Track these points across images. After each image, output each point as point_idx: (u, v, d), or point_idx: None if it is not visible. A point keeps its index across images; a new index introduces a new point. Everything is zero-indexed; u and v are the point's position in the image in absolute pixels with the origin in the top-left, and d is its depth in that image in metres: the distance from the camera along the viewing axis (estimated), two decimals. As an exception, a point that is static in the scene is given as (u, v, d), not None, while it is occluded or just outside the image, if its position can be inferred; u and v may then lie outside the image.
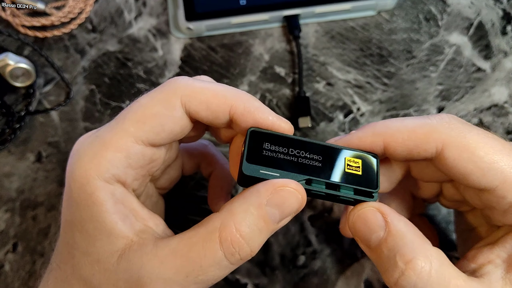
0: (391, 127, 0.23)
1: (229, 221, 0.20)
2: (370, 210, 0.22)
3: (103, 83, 0.38)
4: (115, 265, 0.21)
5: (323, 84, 0.38)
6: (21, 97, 0.37)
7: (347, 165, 0.23)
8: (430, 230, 0.31)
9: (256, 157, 0.22)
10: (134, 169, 0.22)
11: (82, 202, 0.21)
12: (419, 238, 0.21)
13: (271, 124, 0.22)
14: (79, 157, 0.22)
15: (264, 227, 0.21)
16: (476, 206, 0.25)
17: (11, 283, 0.33)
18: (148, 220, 0.23)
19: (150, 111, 0.22)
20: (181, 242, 0.21)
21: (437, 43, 0.39)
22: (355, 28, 0.39)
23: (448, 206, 0.28)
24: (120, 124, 0.22)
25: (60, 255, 0.23)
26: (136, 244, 0.21)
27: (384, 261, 0.22)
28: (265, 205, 0.21)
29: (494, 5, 0.40)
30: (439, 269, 0.20)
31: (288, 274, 0.33)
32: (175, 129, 0.22)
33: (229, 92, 0.22)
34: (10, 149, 0.36)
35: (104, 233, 0.21)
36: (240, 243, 0.20)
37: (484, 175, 0.21)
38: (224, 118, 0.22)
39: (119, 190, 0.22)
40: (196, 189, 0.35)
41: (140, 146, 0.22)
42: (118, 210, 0.21)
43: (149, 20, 0.40)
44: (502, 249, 0.22)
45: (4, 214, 0.34)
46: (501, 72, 0.38)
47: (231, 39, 0.39)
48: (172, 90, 0.22)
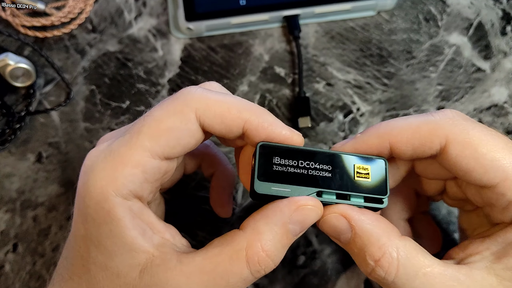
0: (396, 127, 0.23)
1: (255, 241, 0.21)
2: (334, 216, 0.23)
3: (103, 83, 0.38)
4: (137, 280, 0.21)
5: (323, 85, 0.38)
6: (21, 97, 0.37)
7: (356, 173, 0.23)
8: (433, 227, 0.32)
9: (266, 173, 0.22)
10: (150, 183, 0.22)
11: (99, 218, 0.21)
12: (385, 232, 0.22)
13: (284, 139, 0.23)
14: (94, 173, 0.21)
15: (287, 242, 0.22)
16: (477, 204, 0.25)
17: (12, 284, 0.33)
18: (165, 233, 0.23)
19: (164, 124, 0.22)
20: (207, 259, 0.21)
21: (437, 44, 0.39)
22: (355, 29, 0.39)
23: (451, 205, 0.28)
24: (135, 138, 0.22)
25: (72, 267, 0.23)
26: (158, 259, 0.21)
27: (356, 257, 0.23)
28: (288, 223, 0.22)
29: (494, 6, 0.40)
30: (406, 262, 0.21)
31: (288, 274, 0.33)
32: (191, 142, 0.23)
33: (243, 106, 0.22)
34: (10, 150, 0.36)
35: (124, 249, 0.21)
36: (266, 261, 0.21)
37: (485, 172, 0.22)
38: (237, 132, 0.23)
39: (137, 205, 0.22)
40: (197, 189, 0.35)
41: (156, 161, 0.22)
42: (136, 225, 0.22)
43: (149, 20, 0.40)
44: (493, 242, 0.23)
45: (5, 214, 0.34)
46: (501, 73, 0.38)
47: (231, 40, 0.39)
48: (186, 102, 0.22)
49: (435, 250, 0.31)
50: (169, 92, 0.37)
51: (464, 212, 0.28)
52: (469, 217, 0.27)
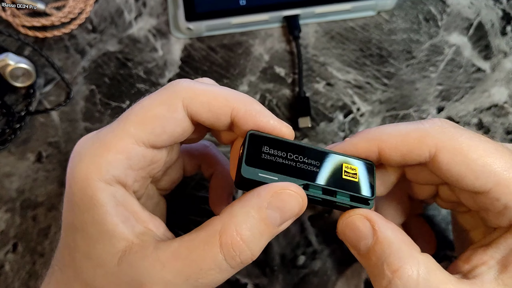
0: (385, 133, 0.23)
1: (230, 224, 0.20)
2: (358, 217, 0.22)
3: (103, 83, 0.38)
4: (116, 268, 0.21)
5: (323, 84, 0.38)
6: (21, 97, 0.37)
7: (344, 172, 0.23)
8: (427, 231, 0.31)
9: (255, 160, 0.22)
10: (135, 170, 0.22)
11: (83, 204, 0.21)
12: (406, 245, 0.22)
13: (272, 128, 0.22)
14: (80, 159, 0.22)
15: (265, 230, 0.21)
16: (471, 208, 0.25)
17: (11, 284, 0.33)
18: (149, 223, 0.23)
19: (151, 112, 0.22)
20: (182, 245, 0.21)
21: (437, 44, 0.39)
22: (355, 29, 0.39)
23: (445, 207, 0.28)
24: (121, 125, 0.22)
25: (62, 258, 0.23)
26: (137, 246, 0.21)
27: (373, 268, 0.22)
28: (266, 208, 0.20)
29: (494, 6, 0.40)
30: (426, 277, 0.21)
31: (288, 274, 0.33)
32: (177, 131, 0.22)
33: (230, 95, 0.22)
34: (10, 149, 0.36)
35: (105, 235, 0.21)
36: (241, 247, 0.20)
37: (477, 178, 0.22)
38: (225, 120, 0.22)
39: (120, 192, 0.22)
40: (196, 189, 0.35)
41: (141, 148, 0.22)
42: (119, 212, 0.21)
43: (149, 20, 0.40)
44: (496, 250, 0.22)
45: (4, 214, 0.34)
46: (501, 73, 0.38)
47: (231, 40, 0.39)
48: (174, 92, 0.22)
49: (430, 252, 0.31)
50: (169, 92, 0.37)
51: (458, 213, 0.28)
52: (463, 218, 0.27)
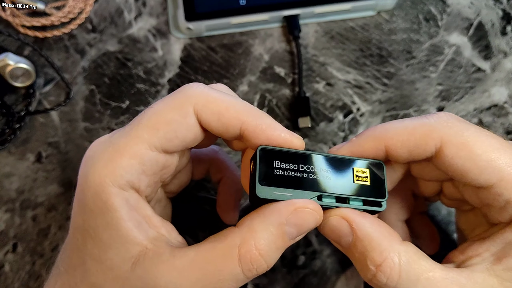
0: (391, 130, 0.23)
1: (249, 239, 0.21)
2: (335, 219, 0.23)
3: (103, 83, 0.38)
4: (129, 273, 0.21)
5: (323, 85, 0.38)
6: (21, 97, 0.37)
7: (355, 176, 0.23)
8: (431, 228, 0.31)
9: (268, 177, 0.22)
10: (148, 175, 0.22)
11: (96, 208, 0.21)
12: (386, 237, 0.22)
13: (283, 141, 0.22)
14: (93, 163, 0.22)
15: (281, 244, 0.21)
16: (474, 204, 0.25)
17: (11, 284, 0.33)
18: (161, 227, 0.23)
19: (163, 117, 0.22)
20: (199, 255, 0.21)
21: (437, 44, 0.39)
22: (355, 28, 0.39)
23: (449, 205, 0.28)
24: (134, 130, 0.22)
25: (69, 260, 0.23)
26: (151, 252, 0.21)
27: (357, 263, 0.23)
28: (285, 224, 0.21)
29: (494, 5, 0.40)
30: (407, 267, 0.21)
31: (288, 274, 0.33)
32: (188, 137, 0.22)
33: (241, 108, 0.22)
34: (10, 150, 0.36)
35: (118, 240, 0.21)
36: (259, 261, 0.21)
37: (481, 173, 0.22)
38: (234, 132, 0.22)
39: (133, 197, 0.22)
40: (197, 189, 0.35)
41: (154, 153, 0.22)
42: (132, 217, 0.21)
43: (149, 20, 0.40)
44: (492, 243, 0.23)
45: (4, 214, 0.34)
46: (501, 73, 0.38)
47: (231, 39, 0.39)
48: (186, 97, 0.22)
49: (433, 250, 0.31)
50: (169, 92, 0.37)
51: (462, 212, 0.28)
52: (466, 216, 0.27)
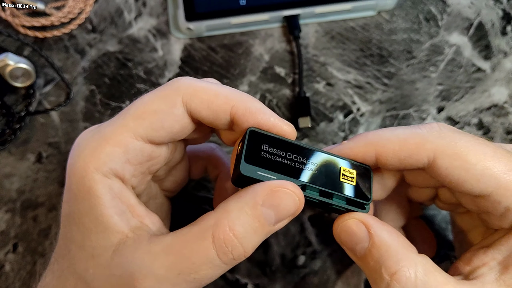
0: (383, 137, 0.23)
1: (223, 219, 0.20)
2: (354, 221, 0.22)
3: (103, 83, 0.38)
4: (109, 260, 0.21)
5: (323, 84, 0.38)
6: (21, 97, 0.37)
7: (342, 175, 0.23)
8: (427, 233, 0.31)
9: (254, 157, 0.21)
10: (133, 165, 0.22)
11: (80, 195, 0.21)
12: (403, 247, 0.22)
13: (272, 126, 0.22)
14: (80, 151, 0.22)
15: (258, 227, 0.21)
16: (472, 210, 0.25)
17: (12, 284, 0.33)
18: (145, 218, 0.23)
19: (150, 107, 0.22)
20: (175, 239, 0.21)
21: (437, 43, 0.39)
22: (355, 28, 0.39)
23: (444, 209, 0.28)
24: (121, 119, 0.22)
25: (58, 249, 0.23)
26: (131, 240, 0.21)
27: (370, 271, 0.22)
28: (260, 205, 0.20)
29: (494, 5, 0.40)
30: (424, 278, 0.21)
31: (288, 274, 0.33)
32: (175, 127, 0.22)
33: (230, 93, 0.22)
34: (10, 150, 0.36)
35: (100, 227, 0.21)
36: (233, 242, 0.20)
37: (477, 181, 0.21)
38: (225, 118, 0.22)
39: (117, 185, 0.22)
40: (197, 189, 0.35)
41: (139, 142, 0.22)
42: (115, 205, 0.21)
43: (149, 20, 0.40)
44: (497, 251, 0.22)
45: (5, 214, 0.34)
46: (501, 73, 0.38)
47: (231, 40, 0.39)
48: (174, 88, 0.22)
49: (430, 254, 0.31)
50: (169, 92, 0.37)
51: (457, 214, 0.28)
52: (462, 219, 0.27)
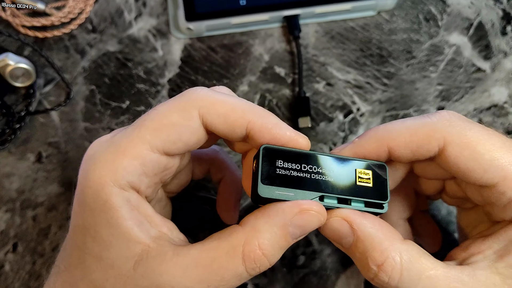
0: (393, 130, 0.23)
1: (253, 239, 0.21)
2: (336, 220, 0.23)
3: (103, 83, 0.38)
4: (132, 271, 0.21)
5: (323, 84, 0.38)
6: (21, 97, 0.37)
7: (358, 177, 0.23)
8: (433, 226, 0.31)
9: (270, 177, 0.22)
10: (149, 177, 0.22)
11: (96, 207, 0.21)
12: (387, 237, 0.22)
13: (288, 140, 0.22)
14: (94, 162, 0.22)
15: (284, 244, 0.22)
16: (477, 202, 0.25)
17: (11, 284, 0.33)
18: (162, 226, 0.23)
19: (167, 120, 0.22)
20: (203, 253, 0.21)
21: (437, 43, 0.39)
22: (355, 28, 0.39)
23: (450, 203, 0.28)
24: (137, 131, 0.22)
25: (69, 258, 0.23)
26: (154, 251, 0.21)
27: (358, 262, 0.23)
28: (289, 226, 0.21)
29: (494, 5, 0.40)
30: (409, 265, 0.21)
31: (288, 274, 0.33)
32: (192, 140, 0.22)
33: (247, 108, 0.22)
34: (10, 150, 0.36)
35: (120, 239, 0.21)
36: (262, 260, 0.21)
37: (484, 171, 0.22)
38: (240, 133, 0.22)
39: (134, 197, 0.22)
40: (196, 189, 0.35)
41: (156, 155, 0.22)
42: (133, 216, 0.21)
43: (149, 21, 0.40)
44: (495, 241, 0.23)
45: (4, 214, 0.34)
46: (501, 72, 0.38)
47: (231, 40, 0.39)
48: (190, 100, 0.22)
49: (435, 248, 0.31)
50: (169, 92, 0.37)
51: (463, 210, 0.28)
52: (468, 215, 0.27)
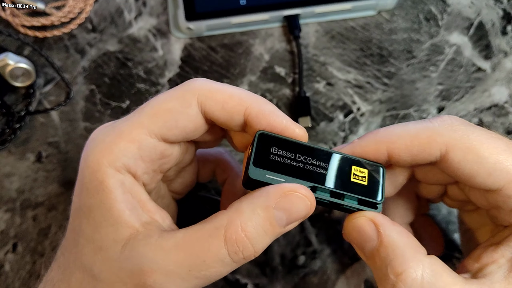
0: (393, 133, 0.23)
1: (236, 219, 0.20)
2: (364, 220, 0.22)
3: (103, 83, 0.38)
4: (118, 254, 0.21)
5: (323, 84, 0.38)
6: (21, 97, 0.37)
7: (353, 175, 0.23)
8: (435, 230, 0.31)
9: (263, 161, 0.22)
10: (145, 162, 0.23)
11: (92, 188, 0.22)
12: (411, 248, 0.21)
13: (284, 128, 0.22)
14: (94, 145, 0.22)
15: (269, 229, 0.21)
16: (482, 206, 0.24)
17: (11, 284, 0.33)
18: (155, 213, 0.23)
19: (165, 106, 0.22)
20: (186, 236, 0.21)
21: (437, 43, 0.39)
22: (355, 28, 0.39)
23: (452, 206, 0.28)
24: (136, 116, 0.23)
25: (66, 243, 0.23)
26: (141, 235, 0.21)
27: (377, 271, 0.22)
28: (273, 207, 0.21)
29: (494, 5, 0.40)
30: (431, 280, 0.20)
31: (288, 274, 0.33)
32: (188, 127, 0.23)
33: (245, 95, 0.23)
34: (10, 149, 0.36)
35: (110, 221, 0.21)
36: (244, 243, 0.20)
37: (489, 175, 0.21)
38: (238, 119, 0.23)
39: (129, 180, 0.22)
40: (197, 189, 0.35)
41: (153, 140, 0.22)
42: (126, 199, 0.22)
43: (149, 20, 0.40)
44: (506, 248, 0.22)
45: (4, 214, 0.34)
46: (501, 72, 0.38)
47: (231, 39, 0.39)
48: (189, 88, 0.23)
49: (438, 252, 0.31)
50: (169, 92, 0.37)
51: (465, 212, 0.28)
52: (470, 217, 0.27)
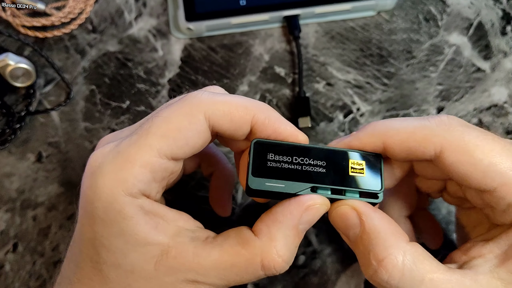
0: (391, 128, 0.23)
1: (271, 248, 0.22)
2: (347, 208, 0.23)
3: (103, 83, 0.38)
4: (154, 272, 0.21)
5: (323, 84, 0.38)
6: (21, 97, 0.37)
7: (351, 168, 0.23)
8: (434, 224, 0.32)
9: (261, 169, 0.22)
10: (157, 182, 0.23)
11: (109, 219, 0.21)
12: (393, 235, 0.22)
13: (289, 134, 0.23)
14: (102, 173, 0.21)
15: (298, 241, 0.23)
16: (477, 205, 0.25)
17: (11, 284, 0.33)
18: (178, 220, 0.23)
19: (174, 125, 0.22)
20: (224, 257, 0.22)
21: (437, 43, 0.39)
22: (355, 29, 0.39)
23: (451, 202, 0.28)
24: (143, 138, 0.22)
25: (82, 271, 0.23)
26: (174, 251, 0.22)
27: (360, 257, 0.23)
28: (299, 225, 0.22)
29: (494, 5, 0.40)
30: (411, 266, 0.21)
31: (288, 274, 0.33)
32: (198, 143, 0.23)
33: (249, 103, 0.23)
34: (10, 149, 0.36)
35: (137, 245, 0.21)
36: (282, 266, 0.22)
37: (483, 177, 0.22)
38: (246, 129, 0.23)
39: (146, 202, 0.22)
40: (196, 189, 0.35)
41: (164, 161, 0.22)
42: (148, 220, 0.22)
43: (149, 21, 0.40)
44: (496, 245, 0.22)
45: (5, 214, 0.34)
46: (501, 72, 0.38)
47: (231, 40, 0.39)
48: (194, 103, 0.22)
49: (436, 245, 0.31)
50: (169, 92, 0.37)
51: (463, 209, 0.28)
52: (468, 214, 0.27)
